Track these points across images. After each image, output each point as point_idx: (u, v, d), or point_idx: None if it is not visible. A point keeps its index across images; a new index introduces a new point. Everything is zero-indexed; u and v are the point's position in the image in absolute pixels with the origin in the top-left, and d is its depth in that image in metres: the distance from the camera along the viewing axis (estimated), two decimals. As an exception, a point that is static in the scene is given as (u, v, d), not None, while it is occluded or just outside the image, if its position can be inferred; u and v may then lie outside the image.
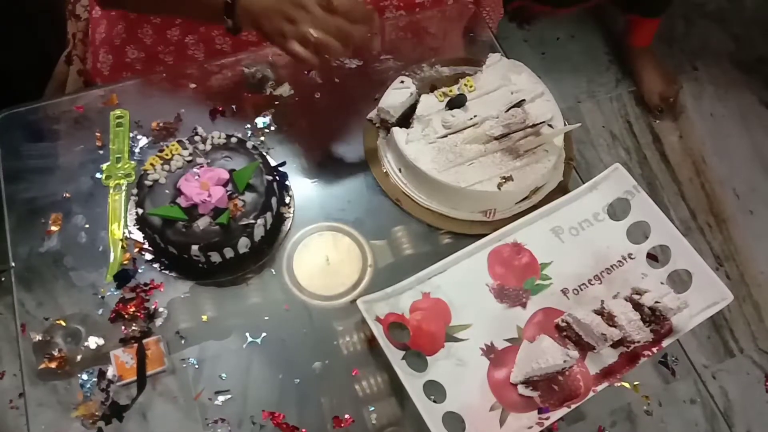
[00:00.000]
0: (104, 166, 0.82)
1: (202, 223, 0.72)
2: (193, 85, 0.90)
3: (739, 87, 1.80)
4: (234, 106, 0.88)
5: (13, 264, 0.76)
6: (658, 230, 0.79)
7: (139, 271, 0.76)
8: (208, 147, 0.77)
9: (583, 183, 0.84)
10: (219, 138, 0.78)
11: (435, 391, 0.69)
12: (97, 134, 0.84)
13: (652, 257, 0.80)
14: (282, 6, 0.71)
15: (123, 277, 0.75)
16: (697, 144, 1.70)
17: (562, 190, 0.86)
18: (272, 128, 0.87)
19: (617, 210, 0.82)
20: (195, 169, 0.74)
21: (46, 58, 1.12)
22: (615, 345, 0.73)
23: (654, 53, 1.72)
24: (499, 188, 0.80)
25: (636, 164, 1.63)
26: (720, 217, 1.60)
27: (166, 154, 0.76)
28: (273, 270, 0.78)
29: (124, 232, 0.77)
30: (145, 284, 0.75)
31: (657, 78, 1.69)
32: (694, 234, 1.57)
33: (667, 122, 1.72)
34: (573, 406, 0.69)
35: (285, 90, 0.90)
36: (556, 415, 0.69)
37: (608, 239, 0.81)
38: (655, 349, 0.73)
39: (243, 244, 0.74)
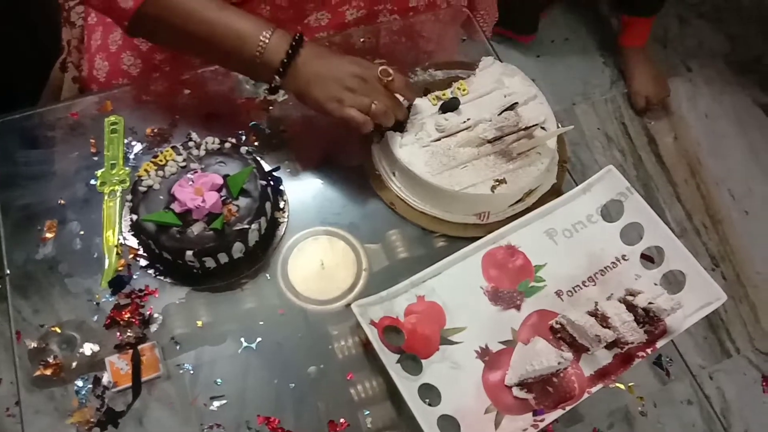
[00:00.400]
0: (99, 172, 0.82)
1: (196, 228, 0.72)
2: (187, 91, 0.90)
3: (734, 87, 1.81)
4: (228, 111, 0.89)
5: (8, 271, 0.76)
6: (651, 231, 0.80)
7: (134, 277, 0.76)
8: (202, 152, 0.77)
9: (577, 185, 0.84)
10: (213, 143, 0.78)
11: (430, 394, 0.70)
12: (92, 141, 0.84)
13: (645, 258, 0.80)
14: (343, 75, 0.76)
15: (118, 284, 0.75)
16: (692, 145, 1.71)
17: (555, 192, 0.86)
18: (267, 132, 0.88)
19: (611, 211, 0.83)
20: (189, 175, 0.75)
21: (41, 66, 1.12)
22: (609, 346, 0.73)
23: (647, 54, 1.72)
24: (493, 191, 0.80)
25: (631, 166, 1.64)
26: (716, 218, 1.60)
27: (160, 160, 0.76)
28: (268, 275, 0.78)
29: (118, 239, 0.77)
30: (140, 290, 0.75)
31: (647, 80, 1.69)
32: (689, 235, 1.57)
33: (662, 123, 1.72)
34: (568, 408, 0.69)
35: (279, 94, 0.91)
36: (551, 416, 0.69)
37: (602, 241, 0.81)
38: (649, 350, 0.73)
39: (237, 249, 0.74)
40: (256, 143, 0.86)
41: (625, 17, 1.69)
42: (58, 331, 0.73)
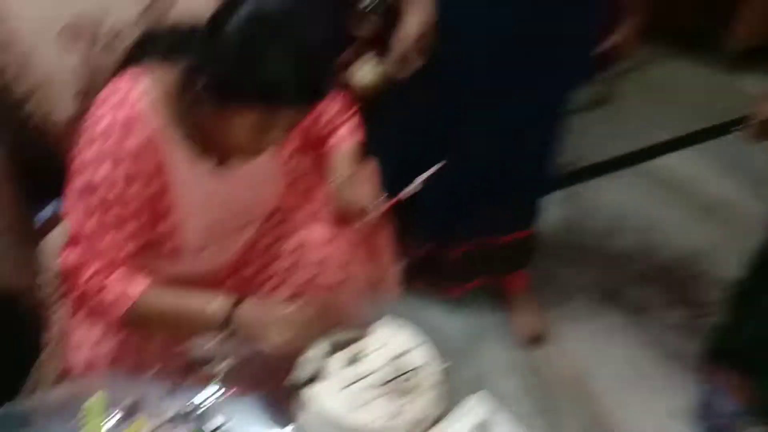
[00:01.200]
0: (80, 445, 1.02)
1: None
2: (156, 367, 1.16)
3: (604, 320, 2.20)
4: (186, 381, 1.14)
5: None
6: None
7: None
8: (167, 418, 1.01)
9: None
10: (175, 410, 1.02)
11: None
12: (75, 418, 1.06)
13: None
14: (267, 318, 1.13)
15: None
16: (579, 369, 2.03)
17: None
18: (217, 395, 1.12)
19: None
20: (157, 437, 0.97)
21: (26, 362, 1.35)
22: None
23: (526, 297, 2.12)
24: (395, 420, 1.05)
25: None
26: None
27: (134, 430, 0.99)
28: None
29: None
30: None
31: (525, 318, 2.08)
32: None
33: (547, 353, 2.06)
34: None
35: (226, 366, 1.17)
36: None
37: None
38: None
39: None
40: (210, 403, 1.10)
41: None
42: None
